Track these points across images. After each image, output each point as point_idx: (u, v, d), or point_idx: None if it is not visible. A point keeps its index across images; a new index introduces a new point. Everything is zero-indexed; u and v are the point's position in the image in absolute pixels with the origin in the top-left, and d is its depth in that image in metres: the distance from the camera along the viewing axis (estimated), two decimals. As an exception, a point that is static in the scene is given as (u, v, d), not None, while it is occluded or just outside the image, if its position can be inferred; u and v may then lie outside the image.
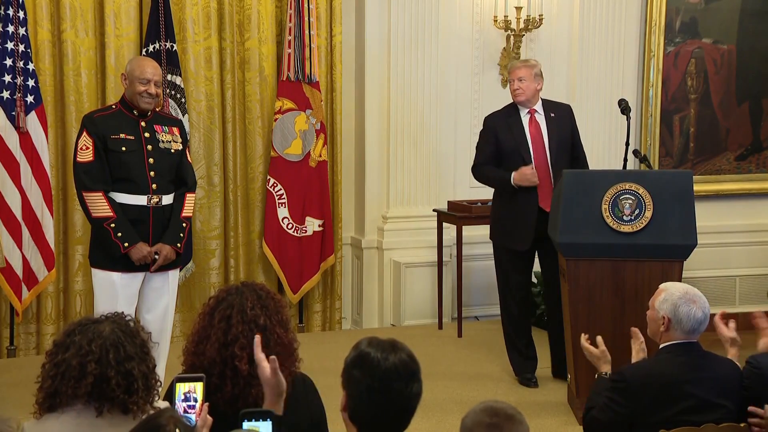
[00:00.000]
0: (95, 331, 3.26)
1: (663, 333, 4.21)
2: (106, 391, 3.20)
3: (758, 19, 8.49)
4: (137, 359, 3.24)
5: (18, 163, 6.50)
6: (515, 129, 6.39)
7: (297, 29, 7.28)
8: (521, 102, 6.38)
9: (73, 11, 6.94)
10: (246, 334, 3.57)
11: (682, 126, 8.45)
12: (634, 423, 4.18)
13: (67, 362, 3.21)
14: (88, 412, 3.20)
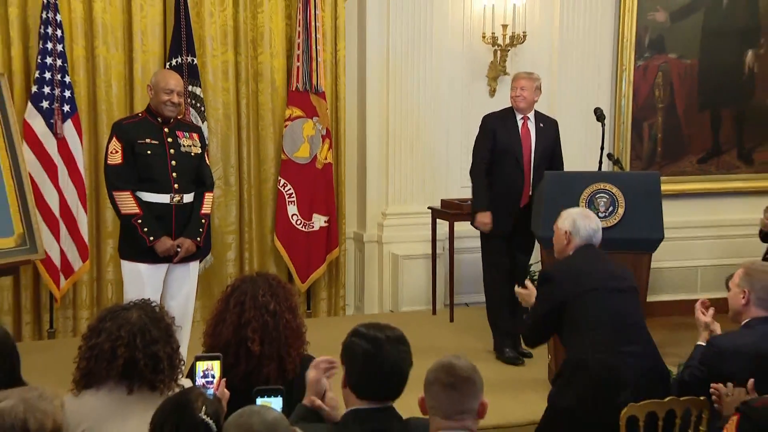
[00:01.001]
0: (124, 317, 3.30)
1: (566, 246, 4.48)
2: (135, 371, 3.24)
3: (717, 36, 8.52)
4: (162, 342, 3.28)
5: (56, 166, 6.55)
6: (511, 130, 6.45)
7: (305, 44, 7.26)
8: (520, 108, 6.44)
9: (105, 29, 6.95)
10: (258, 318, 3.61)
11: (651, 132, 8.49)
12: (561, 306, 4.38)
13: (99, 346, 3.31)
14: (119, 390, 3.25)
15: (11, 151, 6.05)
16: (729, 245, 8.19)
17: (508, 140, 6.42)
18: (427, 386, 2.82)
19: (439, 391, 2.79)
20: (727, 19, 8.55)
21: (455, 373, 2.80)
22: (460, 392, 2.76)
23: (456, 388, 2.76)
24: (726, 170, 8.55)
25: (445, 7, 7.81)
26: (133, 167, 5.55)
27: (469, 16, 7.86)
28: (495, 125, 6.51)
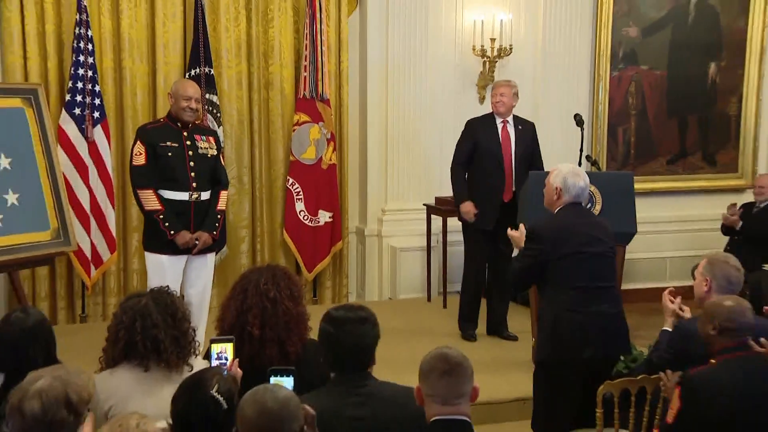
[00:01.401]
0: (131, 304, 3.38)
1: (556, 201, 4.49)
2: (135, 352, 3.32)
3: (684, 50, 8.60)
4: (163, 326, 3.32)
5: (87, 167, 6.59)
6: (491, 133, 6.48)
7: (311, 56, 7.28)
8: (500, 113, 6.47)
9: (131, 43, 6.99)
10: (258, 304, 3.64)
11: (625, 136, 8.55)
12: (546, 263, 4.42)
13: (110, 330, 3.36)
14: (138, 369, 3.32)
15: (47, 154, 6.10)
16: (694, 238, 8.25)
17: (490, 142, 6.46)
18: (423, 376, 2.83)
19: (435, 379, 2.78)
20: (692, 34, 8.64)
21: (449, 361, 2.81)
22: (455, 378, 2.77)
23: (451, 374, 2.77)
24: (692, 171, 8.65)
25: (439, 22, 7.81)
26: (155, 167, 5.56)
27: (461, 30, 7.87)
28: (477, 129, 6.55)
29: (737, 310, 3.73)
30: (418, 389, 2.85)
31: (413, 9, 7.69)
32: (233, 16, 7.30)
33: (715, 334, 3.68)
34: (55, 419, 2.57)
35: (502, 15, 7.80)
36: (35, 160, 6.07)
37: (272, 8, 7.38)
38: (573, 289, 4.34)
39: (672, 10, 8.56)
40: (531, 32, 8.12)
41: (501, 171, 6.43)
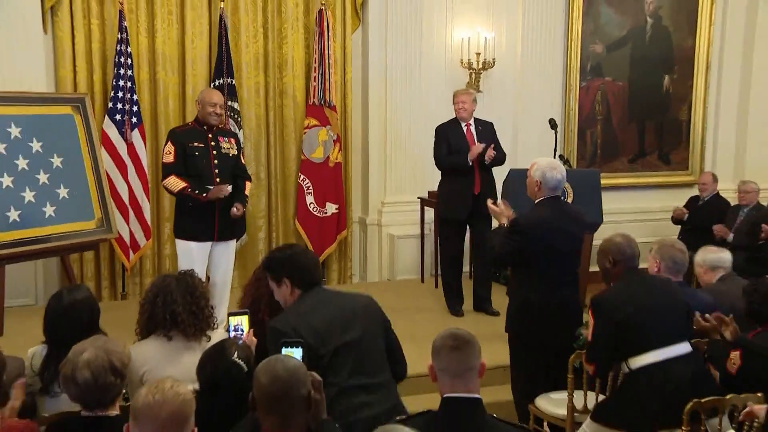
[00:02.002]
0: (157, 283, 3.50)
1: (537, 192, 4.48)
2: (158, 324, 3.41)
3: (642, 64, 8.68)
4: (181, 302, 3.40)
5: (126, 165, 6.64)
6: (458, 134, 6.51)
7: (320, 68, 7.29)
8: (463, 117, 6.51)
9: (164, 58, 7.02)
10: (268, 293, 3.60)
11: (592, 138, 8.62)
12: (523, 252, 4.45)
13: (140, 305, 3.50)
14: (163, 338, 3.42)
15: (92, 154, 6.20)
16: (652, 227, 8.28)
17: (458, 142, 6.47)
18: (435, 353, 2.77)
19: (446, 354, 2.72)
20: (649, 51, 8.71)
21: (459, 338, 2.76)
22: (464, 353, 2.71)
23: (461, 350, 2.71)
24: (649, 168, 8.74)
25: (431, 38, 7.80)
26: (183, 165, 5.59)
27: (450, 46, 7.87)
28: (447, 132, 6.56)
29: (624, 244, 3.99)
30: (431, 367, 2.78)
31: (409, 27, 7.68)
32: (252, 34, 7.33)
33: (611, 266, 3.97)
34: (105, 383, 2.66)
35: (486, 33, 7.81)
36: (82, 160, 6.16)
37: (286, 27, 7.38)
38: (542, 277, 4.41)
39: (632, 29, 8.63)
40: (511, 48, 8.11)
41: (469, 167, 6.41)
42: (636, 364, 3.81)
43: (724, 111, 9.11)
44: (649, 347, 3.80)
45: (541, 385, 4.54)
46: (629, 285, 3.97)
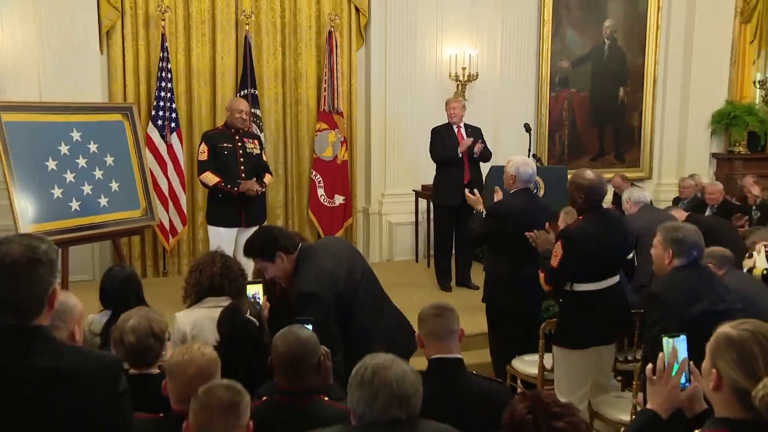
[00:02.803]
0: (201, 259, 3.63)
1: (512, 184, 4.49)
2: (201, 291, 3.48)
3: (601, 77, 8.76)
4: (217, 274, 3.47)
5: (166, 163, 6.68)
6: (451, 135, 6.51)
7: (329, 80, 7.30)
8: (454, 121, 6.52)
9: (198, 73, 7.05)
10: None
11: (560, 140, 8.67)
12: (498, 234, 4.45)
13: (188, 275, 3.63)
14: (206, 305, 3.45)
15: (138, 154, 6.19)
16: None
17: (450, 142, 6.46)
18: (421, 321, 2.79)
19: (431, 320, 2.74)
20: (607, 67, 8.79)
21: (440, 307, 2.80)
22: (446, 318, 2.75)
23: (442, 316, 2.75)
24: (608, 165, 8.77)
25: (424, 55, 7.80)
26: (214, 162, 5.62)
27: (440, 61, 7.88)
28: (441, 133, 6.57)
29: (597, 184, 3.92)
30: (419, 336, 2.80)
31: (405, 45, 7.70)
32: (272, 52, 7.35)
33: (582, 201, 3.92)
34: (146, 346, 2.70)
35: (470, 50, 7.86)
36: (130, 158, 6.16)
37: (300, 45, 7.40)
38: (514, 256, 4.41)
39: (592, 49, 8.70)
40: (492, 63, 8.15)
41: (460, 162, 6.43)
42: (579, 288, 3.86)
43: (668, 117, 9.19)
44: (595, 278, 3.86)
45: (515, 348, 4.55)
46: (594, 223, 3.90)
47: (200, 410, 2.10)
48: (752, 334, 1.71)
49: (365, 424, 2.07)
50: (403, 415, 2.06)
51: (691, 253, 3.31)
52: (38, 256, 1.80)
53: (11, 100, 5.90)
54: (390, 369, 2.09)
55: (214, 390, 2.14)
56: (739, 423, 1.67)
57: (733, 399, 1.71)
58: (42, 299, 1.81)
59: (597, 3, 8.67)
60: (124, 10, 6.77)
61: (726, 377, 1.71)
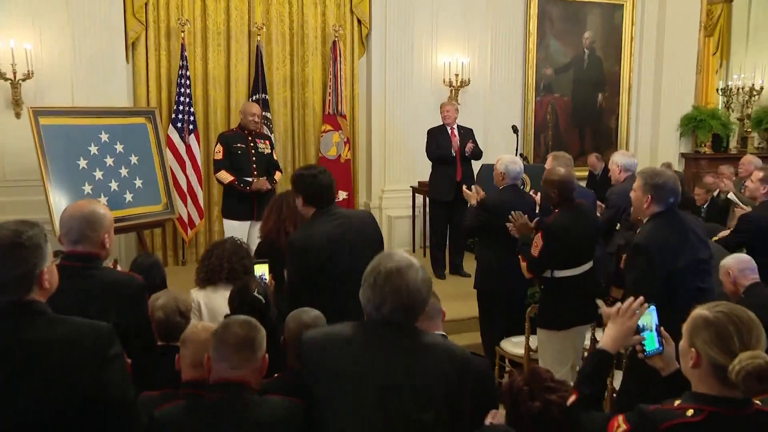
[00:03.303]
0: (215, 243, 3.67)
1: (502, 180, 4.50)
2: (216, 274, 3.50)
3: (582, 84, 8.76)
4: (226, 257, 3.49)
5: (185, 161, 6.68)
6: (445, 136, 6.51)
7: (334, 86, 7.29)
8: (448, 123, 6.51)
9: (214, 79, 7.07)
10: (290, 216, 3.68)
11: (545, 140, 8.66)
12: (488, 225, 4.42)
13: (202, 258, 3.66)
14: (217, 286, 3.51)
15: (160, 153, 6.22)
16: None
17: (444, 143, 6.48)
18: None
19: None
20: (586, 74, 8.80)
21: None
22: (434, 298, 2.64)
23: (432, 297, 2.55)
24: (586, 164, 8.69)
25: (420, 63, 7.79)
26: (229, 160, 5.64)
27: (435, 68, 7.88)
28: (436, 134, 6.57)
29: (568, 178, 3.94)
30: None
31: (403, 54, 7.71)
32: (281, 60, 7.37)
33: (556, 195, 3.92)
34: (174, 322, 2.79)
35: (462, 58, 7.87)
36: (152, 158, 6.18)
37: (307, 54, 7.41)
38: (502, 246, 4.38)
39: (573, 58, 8.71)
40: (482, 70, 8.15)
41: (453, 160, 6.45)
42: (558, 274, 3.89)
43: (642, 120, 9.22)
44: (572, 265, 3.89)
45: (503, 331, 4.58)
46: (569, 215, 3.90)
47: (218, 345, 2.08)
48: (727, 315, 1.72)
49: (370, 322, 2.03)
50: (406, 321, 2.03)
51: (669, 200, 3.21)
52: (21, 240, 1.82)
53: (47, 105, 5.95)
54: (403, 276, 2.01)
55: (231, 326, 2.12)
56: (713, 397, 1.70)
57: (710, 375, 1.72)
58: (29, 279, 1.83)
59: (577, 16, 8.70)
60: (148, 23, 6.81)
61: (704, 355, 1.72)
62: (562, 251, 3.84)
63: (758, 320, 1.73)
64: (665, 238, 3.17)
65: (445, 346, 2.07)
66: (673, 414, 1.69)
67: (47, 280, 1.89)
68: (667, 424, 1.67)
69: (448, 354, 2.02)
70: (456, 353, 2.04)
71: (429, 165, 6.72)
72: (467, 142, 6.45)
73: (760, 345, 1.70)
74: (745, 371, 1.62)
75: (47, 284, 1.89)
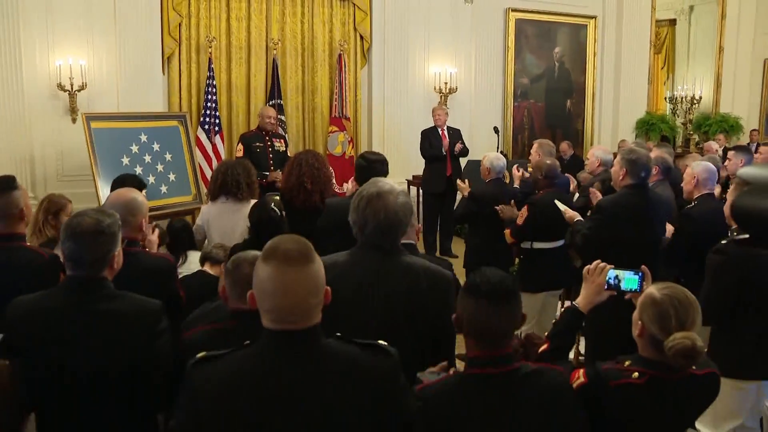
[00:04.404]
0: (226, 161, 3.55)
1: (487, 174, 4.45)
2: (223, 189, 3.52)
3: (553, 92, 8.89)
4: (241, 175, 3.50)
5: (211, 158, 6.61)
6: (437, 136, 6.53)
7: (339, 92, 7.30)
8: (439, 125, 6.53)
9: (237, 88, 7.07)
10: (308, 172, 3.60)
11: (522, 140, 8.73)
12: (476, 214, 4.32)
13: (213, 177, 3.65)
14: (222, 200, 3.55)
15: (190, 152, 6.17)
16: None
17: (436, 142, 6.49)
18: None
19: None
20: (557, 83, 8.91)
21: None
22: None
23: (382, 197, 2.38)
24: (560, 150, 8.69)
25: (414, 73, 7.80)
26: (248, 158, 5.33)
27: (427, 77, 7.90)
28: (428, 134, 6.58)
29: (554, 166, 4.00)
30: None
31: (399, 65, 7.72)
32: (294, 70, 7.36)
33: (542, 178, 3.96)
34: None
35: (451, 69, 7.89)
36: (184, 155, 6.14)
37: (317, 65, 7.41)
38: (488, 231, 4.36)
39: (545, 69, 8.80)
40: (468, 79, 8.18)
41: (443, 157, 6.45)
42: (537, 246, 3.93)
43: (604, 123, 9.32)
44: (549, 239, 3.92)
45: None
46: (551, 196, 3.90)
47: (231, 284, 1.97)
48: (670, 298, 1.74)
49: (358, 247, 1.94)
50: (387, 244, 1.92)
51: (640, 174, 3.24)
52: (102, 228, 1.89)
53: (98, 111, 6.02)
54: (383, 199, 1.90)
55: (241, 266, 1.97)
56: (654, 362, 1.74)
57: (650, 345, 1.76)
58: (105, 260, 1.90)
59: (549, 34, 8.78)
60: (181, 40, 6.85)
61: (647, 328, 1.76)
62: (542, 223, 3.87)
63: (696, 302, 1.76)
64: (624, 206, 3.23)
65: (423, 265, 1.97)
66: (621, 374, 1.73)
67: (117, 262, 1.96)
68: (616, 383, 1.71)
69: (424, 272, 1.93)
70: (431, 270, 1.96)
71: (422, 161, 6.70)
72: (456, 142, 6.47)
73: (695, 326, 1.73)
74: (675, 349, 1.66)
75: (116, 265, 1.96)
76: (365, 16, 7.62)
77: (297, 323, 1.40)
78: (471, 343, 1.61)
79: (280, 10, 7.26)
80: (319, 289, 1.44)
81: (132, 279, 2.05)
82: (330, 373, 1.38)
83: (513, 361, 1.59)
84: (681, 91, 10.11)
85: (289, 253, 1.40)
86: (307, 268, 1.41)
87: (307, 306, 1.41)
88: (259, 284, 1.42)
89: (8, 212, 2.40)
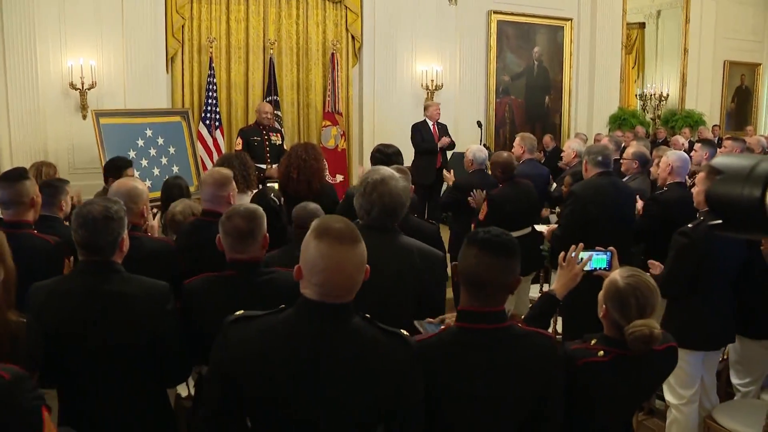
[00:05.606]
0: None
1: (471, 165, 4.50)
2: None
3: (533, 89, 8.93)
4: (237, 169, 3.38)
5: (212, 151, 6.59)
6: (428, 130, 6.57)
7: (332, 89, 7.26)
8: (434, 120, 6.58)
9: (235, 85, 7.07)
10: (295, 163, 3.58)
11: (504, 134, 8.76)
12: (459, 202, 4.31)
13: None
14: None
15: (192, 145, 6.16)
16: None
17: (428, 136, 6.53)
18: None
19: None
20: (536, 81, 8.98)
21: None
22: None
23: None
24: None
25: (402, 70, 7.80)
26: (246, 151, 5.32)
27: (414, 75, 7.89)
28: (420, 129, 6.58)
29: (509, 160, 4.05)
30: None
31: (388, 63, 7.72)
32: (289, 68, 7.37)
33: (500, 173, 4.04)
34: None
35: (437, 67, 7.90)
36: (186, 149, 6.13)
37: (311, 64, 7.40)
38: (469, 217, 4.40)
39: (525, 68, 8.85)
40: (453, 76, 8.18)
41: (433, 150, 6.49)
42: None
43: (580, 118, 9.39)
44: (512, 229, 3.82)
45: None
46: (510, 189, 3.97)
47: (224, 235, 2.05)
48: (632, 287, 1.77)
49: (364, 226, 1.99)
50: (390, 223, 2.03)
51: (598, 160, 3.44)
52: (110, 214, 1.91)
53: (106, 108, 6.02)
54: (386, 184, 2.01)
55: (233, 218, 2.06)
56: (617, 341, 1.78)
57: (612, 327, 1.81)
58: (114, 244, 1.92)
59: (528, 35, 8.82)
60: (184, 41, 6.84)
61: (610, 312, 1.80)
62: (502, 217, 3.85)
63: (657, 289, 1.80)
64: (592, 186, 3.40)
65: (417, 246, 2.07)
66: (588, 353, 1.76)
67: (125, 245, 1.99)
68: (584, 361, 1.74)
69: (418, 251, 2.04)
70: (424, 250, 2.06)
71: (410, 153, 6.65)
72: (443, 136, 6.53)
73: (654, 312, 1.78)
74: (633, 336, 1.71)
75: (125, 248, 1.99)
76: (356, 17, 7.62)
77: (340, 298, 1.41)
78: (466, 297, 1.59)
79: (277, 12, 7.27)
80: (364, 266, 1.46)
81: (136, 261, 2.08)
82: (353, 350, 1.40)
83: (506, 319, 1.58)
84: (650, 89, 10.34)
85: (342, 233, 1.41)
86: (356, 247, 1.43)
87: (353, 283, 1.42)
88: (311, 260, 1.41)
89: (19, 200, 2.43)
